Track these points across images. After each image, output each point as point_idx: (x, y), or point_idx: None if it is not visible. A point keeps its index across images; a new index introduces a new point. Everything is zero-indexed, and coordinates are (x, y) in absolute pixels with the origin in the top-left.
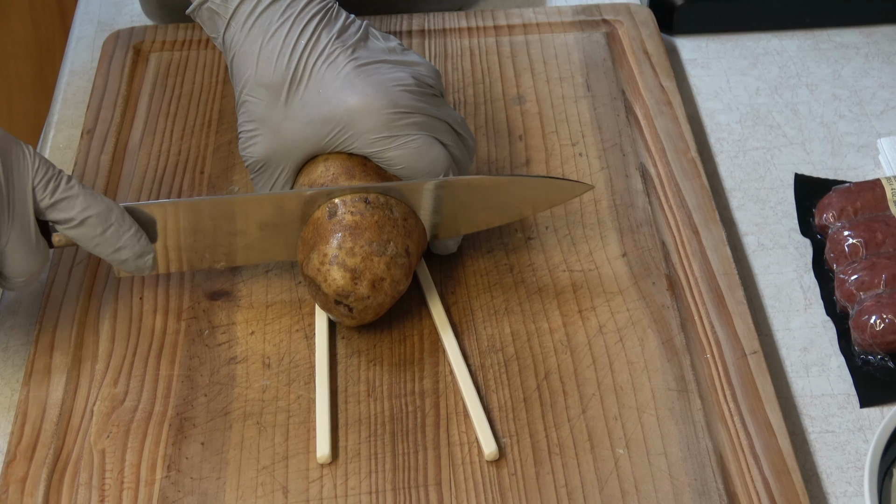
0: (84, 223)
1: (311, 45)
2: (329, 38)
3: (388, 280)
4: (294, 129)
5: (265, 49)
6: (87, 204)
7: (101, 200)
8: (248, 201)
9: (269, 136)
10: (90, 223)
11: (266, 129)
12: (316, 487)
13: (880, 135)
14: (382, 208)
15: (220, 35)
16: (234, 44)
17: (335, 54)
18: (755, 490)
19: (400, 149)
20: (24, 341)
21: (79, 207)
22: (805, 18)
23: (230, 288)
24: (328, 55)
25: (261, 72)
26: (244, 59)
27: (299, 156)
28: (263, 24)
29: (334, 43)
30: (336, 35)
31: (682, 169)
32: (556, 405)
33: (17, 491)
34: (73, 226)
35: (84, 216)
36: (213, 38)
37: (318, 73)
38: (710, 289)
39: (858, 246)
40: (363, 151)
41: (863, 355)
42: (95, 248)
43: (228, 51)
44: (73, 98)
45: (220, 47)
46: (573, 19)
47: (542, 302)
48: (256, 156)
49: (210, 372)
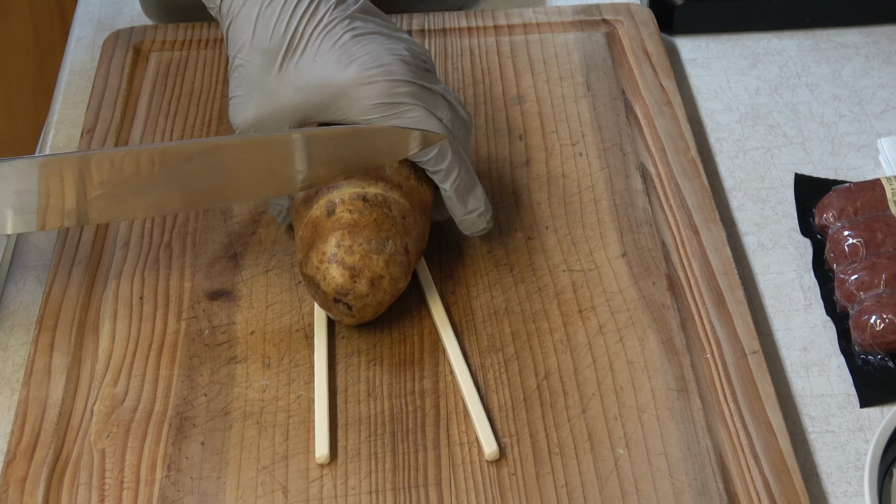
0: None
1: (309, 12)
2: (327, 7)
3: (387, 278)
4: (287, 95)
5: (263, 15)
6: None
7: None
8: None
9: (261, 101)
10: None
11: (258, 94)
12: (316, 487)
13: (880, 135)
14: (381, 206)
15: (217, 4)
16: (232, 10)
17: (333, 23)
18: (755, 490)
19: (397, 118)
20: (24, 341)
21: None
22: (805, 18)
23: (230, 288)
24: (326, 23)
25: (257, 37)
26: (241, 25)
27: (290, 122)
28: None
29: (332, 12)
30: (334, 5)
31: (682, 169)
32: (556, 405)
33: (17, 491)
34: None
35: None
36: (210, 8)
37: (315, 41)
38: (710, 289)
39: (858, 246)
40: (359, 120)
41: (863, 355)
42: None
43: (225, 18)
44: (73, 98)
45: (216, 16)
46: (573, 19)
47: (542, 302)
48: (248, 120)
49: (210, 372)
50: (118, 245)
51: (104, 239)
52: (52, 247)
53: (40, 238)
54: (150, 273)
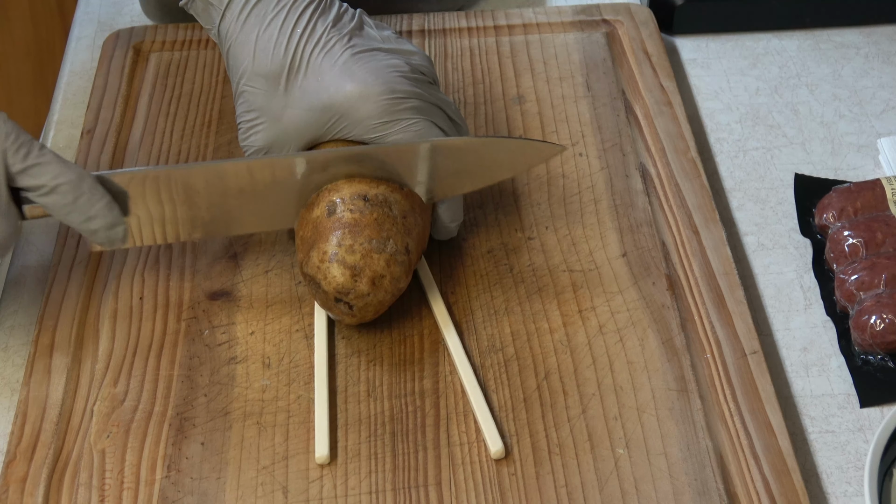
0: (55, 190)
1: (307, 33)
2: (325, 26)
3: (388, 277)
4: (294, 117)
5: (261, 39)
6: (58, 171)
7: (72, 168)
8: (219, 169)
9: (270, 125)
10: (61, 191)
11: (266, 118)
12: (316, 487)
13: (880, 135)
14: (382, 206)
15: (215, 26)
16: (230, 34)
17: (331, 42)
18: (755, 490)
19: (400, 133)
20: (24, 341)
21: (50, 174)
22: (805, 18)
23: (230, 288)
24: (325, 43)
25: (258, 61)
26: (240, 50)
27: (299, 143)
28: (259, 14)
29: (330, 31)
30: (331, 24)
31: (682, 169)
32: (556, 405)
33: (17, 491)
34: (45, 193)
35: (55, 183)
36: (208, 29)
37: (315, 62)
38: (710, 289)
39: (858, 246)
40: (363, 138)
41: (863, 355)
42: (66, 216)
43: (224, 41)
44: (73, 98)
45: (214, 38)
46: (573, 19)
47: (542, 302)
48: (258, 144)
49: (210, 372)
50: None
51: None
52: (52, 247)
53: (40, 238)
54: (150, 273)
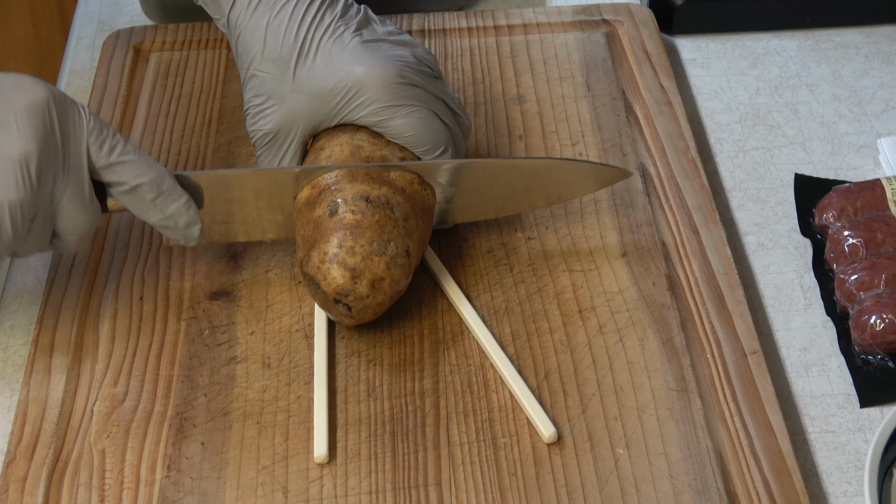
0: (136, 189)
1: (316, 21)
2: (333, 17)
3: (388, 280)
4: (302, 101)
5: (272, 25)
6: (140, 170)
7: (154, 167)
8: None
9: (278, 109)
10: (142, 189)
11: (275, 102)
12: (316, 487)
13: (880, 135)
14: (384, 207)
15: (225, 16)
16: (240, 22)
17: (340, 30)
18: (755, 490)
19: (406, 117)
20: (24, 341)
21: (132, 173)
22: (805, 18)
23: (230, 288)
24: (334, 31)
25: (268, 47)
26: (251, 37)
27: (307, 127)
28: (269, 3)
29: (338, 21)
30: (339, 14)
31: (682, 169)
32: (556, 405)
33: (17, 491)
34: (126, 190)
35: (137, 182)
36: (216, 19)
37: (325, 47)
38: (710, 289)
39: (858, 246)
40: (370, 120)
41: (863, 355)
42: (145, 214)
43: (234, 30)
44: (73, 98)
45: (223, 29)
46: (573, 19)
47: (542, 302)
48: (265, 129)
49: (210, 372)
50: (118, 245)
51: (104, 239)
52: None
53: None
54: (150, 273)
